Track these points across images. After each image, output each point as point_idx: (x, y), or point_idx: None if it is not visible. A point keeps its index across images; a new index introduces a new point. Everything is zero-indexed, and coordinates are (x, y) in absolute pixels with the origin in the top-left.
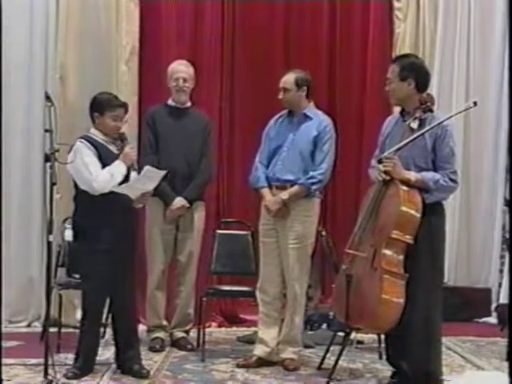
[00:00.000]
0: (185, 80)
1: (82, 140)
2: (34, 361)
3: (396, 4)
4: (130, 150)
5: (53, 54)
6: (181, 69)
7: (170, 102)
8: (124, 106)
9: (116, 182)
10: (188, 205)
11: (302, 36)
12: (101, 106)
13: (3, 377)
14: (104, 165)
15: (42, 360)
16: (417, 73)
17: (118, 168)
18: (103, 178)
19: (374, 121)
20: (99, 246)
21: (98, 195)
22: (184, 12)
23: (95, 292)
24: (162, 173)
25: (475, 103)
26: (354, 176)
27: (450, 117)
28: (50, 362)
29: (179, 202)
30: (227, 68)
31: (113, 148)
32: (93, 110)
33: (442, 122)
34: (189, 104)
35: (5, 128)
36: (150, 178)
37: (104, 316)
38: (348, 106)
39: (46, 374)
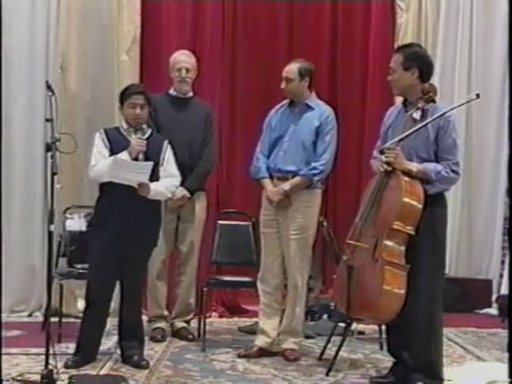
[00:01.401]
0: (187, 70)
1: (101, 130)
2: (35, 350)
3: None
4: (136, 140)
5: (54, 44)
6: (183, 59)
7: (171, 91)
8: (141, 93)
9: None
10: (189, 195)
11: (304, 26)
12: (120, 96)
13: (4, 366)
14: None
15: (43, 349)
16: (420, 62)
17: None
18: (98, 168)
19: (375, 111)
20: (106, 233)
21: (116, 184)
22: (185, 1)
23: (97, 280)
24: (148, 164)
25: (478, 95)
26: (356, 167)
27: (453, 108)
28: (50, 352)
29: (180, 192)
30: (228, 57)
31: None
32: (119, 102)
33: (444, 113)
34: (191, 94)
35: (5, 117)
36: (127, 168)
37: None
38: (350, 97)
39: (46, 363)
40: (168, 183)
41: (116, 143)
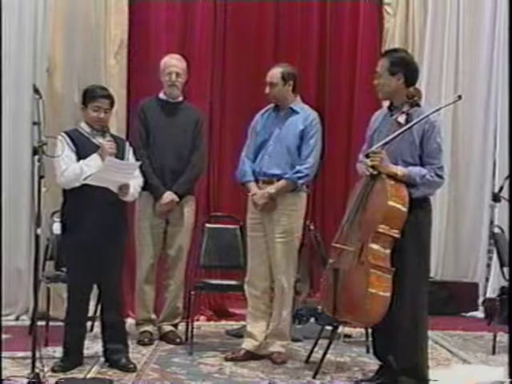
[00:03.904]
0: (177, 74)
1: (63, 134)
2: (21, 354)
3: None
4: (106, 142)
5: (41, 47)
6: (173, 63)
7: (161, 95)
8: (107, 97)
9: (86, 175)
10: (178, 199)
11: (292, 30)
12: (84, 97)
13: None
14: (84, 158)
15: (29, 353)
16: (406, 68)
17: (91, 161)
18: (70, 173)
19: (363, 115)
20: (79, 237)
21: (82, 187)
22: (174, 4)
23: (76, 284)
24: (135, 164)
25: (460, 97)
26: (343, 171)
27: (437, 110)
28: (37, 356)
29: (169, 196)
30: (218, 62)
31: (97, 141)
32: (81, 102)
33: (428, 115)
34: (181, 98)
35: None
36: (117, 169)
37: (93, 309)
38: (337, 101)
39: (33, 367)
40: (135, 183)
41: (81, 146)
